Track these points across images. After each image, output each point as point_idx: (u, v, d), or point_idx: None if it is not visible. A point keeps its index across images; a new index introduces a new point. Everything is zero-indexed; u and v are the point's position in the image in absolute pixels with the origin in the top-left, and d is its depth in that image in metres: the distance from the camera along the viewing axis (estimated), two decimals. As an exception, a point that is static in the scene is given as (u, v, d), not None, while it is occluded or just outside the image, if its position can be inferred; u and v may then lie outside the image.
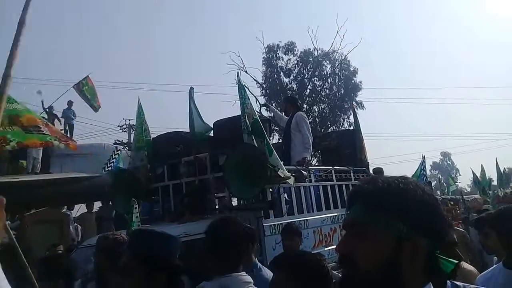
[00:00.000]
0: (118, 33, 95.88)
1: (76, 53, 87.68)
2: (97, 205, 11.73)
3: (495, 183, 15.74)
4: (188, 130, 5.39)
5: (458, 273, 2.70)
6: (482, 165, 14.82)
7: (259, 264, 3.01)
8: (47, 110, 13.49)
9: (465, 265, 3.05)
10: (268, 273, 2.59)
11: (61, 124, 13.51)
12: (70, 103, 14.18)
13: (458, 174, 57.80)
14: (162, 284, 1.85)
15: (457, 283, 1.03)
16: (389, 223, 0.94)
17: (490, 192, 14.15)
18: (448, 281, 0.99)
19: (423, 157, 10.64)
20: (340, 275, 1.06)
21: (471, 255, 5.16)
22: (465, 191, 35.86)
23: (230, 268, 2.14)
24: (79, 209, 12.00)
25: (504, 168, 16.96)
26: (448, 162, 70.73)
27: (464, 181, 54.01)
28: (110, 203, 8.16)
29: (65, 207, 11.75)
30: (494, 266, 2.33)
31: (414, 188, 0.98)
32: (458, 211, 12.28)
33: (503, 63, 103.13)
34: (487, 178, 15.11)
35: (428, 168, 10.97)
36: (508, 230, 2.11)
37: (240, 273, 2.13)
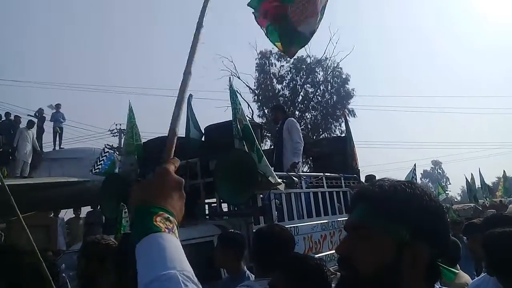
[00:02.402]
0: (110, 38, 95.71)
1: (68, 56, 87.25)
2: (84, 210, 11.62)
3: (482, 193, 15.99)
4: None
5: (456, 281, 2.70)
6: (472, 174, 15.02)
7: (247, 272, 2.97)
8: (37, 114, 13.37)
9: (462, 274, 3.05)
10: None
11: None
12: (58, 106, 14.06)
13: (448, 183, 58.37)
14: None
15: None
16: (391, 228, 0.91)
17: (480, 201, 14.36)
18: (436, 285, 0.97)
19: (414, 165, 10.75)
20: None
21: None
22: (455, 200, 36.17)
23: (271, 271, 2.15)
24: (65, 214, 11.84)
25: (497, 178, 17.21)
26: (439, 170, 71.34)
27: (454, 190, 54.45)
28: (99, 208, 8.07)
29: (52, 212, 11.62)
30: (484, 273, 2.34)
31: (421, 194, 0.95)
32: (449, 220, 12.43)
33: (497, 73, 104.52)
34: (476, 187, 15.32)
35: (418, 176, 11.08)
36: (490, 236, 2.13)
37: None
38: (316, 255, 4.78)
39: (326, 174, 5.87)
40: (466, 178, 14.19)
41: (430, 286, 0.94)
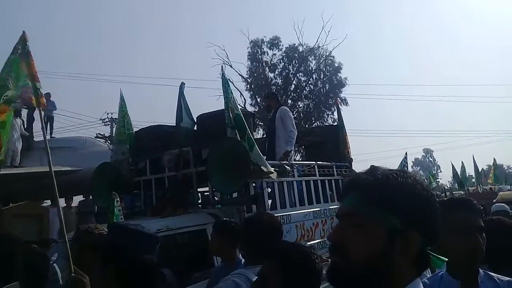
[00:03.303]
0: (101, 26, 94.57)
1: (59, 44, 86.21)
2: (76, 200, 11.59)
3: (474, 180, 16.19)
4: (171, 124, 5.34)
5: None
6: (462, 162, 15.21)
7: (243, 260, 2.99)
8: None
9: None
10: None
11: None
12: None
13: (439, 171, 58.95)
14: (113, 278, 1.81)
15: (491, 273, 1.02)
16: (383, 216, 0.92)
17: (470, 188, 14.56)
18: (480, 270, 0.98)
19: (406, 154, 10.82)
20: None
21: None
22: (446, 187, 36.56)
23: (261, 258, 2.14)
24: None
25: (487, 165, 17.46)
26: (430, 159, 71.98)
27: (445, 178, 54.88)
28: (91, 197, 8.03)
29: (48, 201, 11.55)
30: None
31: (413, 183, 0.96)
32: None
33: (487, 62, 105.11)
34: (467, 175, 15.53)
35: (410, 164, 11.18)
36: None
37: None
38: (308, 243, 4.83)
39: (318, 162, 5.89)
40: (452, 166, 14.45)
41: (420, 273, 0.96)
